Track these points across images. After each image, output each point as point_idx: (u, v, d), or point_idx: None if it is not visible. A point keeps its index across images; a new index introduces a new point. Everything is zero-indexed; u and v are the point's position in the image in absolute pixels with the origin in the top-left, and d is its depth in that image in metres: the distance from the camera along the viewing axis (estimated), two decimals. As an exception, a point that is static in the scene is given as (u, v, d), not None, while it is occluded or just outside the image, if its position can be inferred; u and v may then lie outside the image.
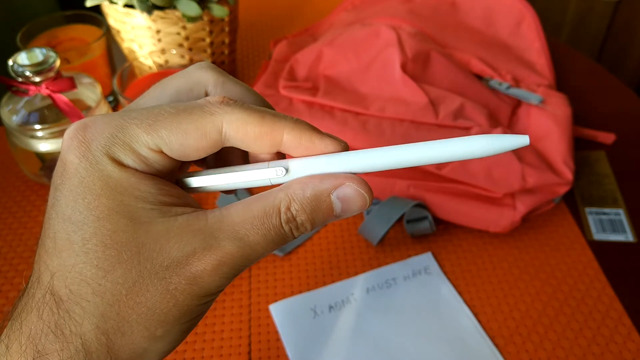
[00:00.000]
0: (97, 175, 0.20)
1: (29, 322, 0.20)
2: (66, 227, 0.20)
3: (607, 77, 0.69)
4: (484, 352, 0.41)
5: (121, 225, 0.20)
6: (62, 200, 0.21)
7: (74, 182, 0.20)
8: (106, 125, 0.21)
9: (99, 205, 0.20)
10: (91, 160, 0.20)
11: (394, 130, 0.51)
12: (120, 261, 0.20)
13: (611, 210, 0.52)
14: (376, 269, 0.48)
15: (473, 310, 0.44)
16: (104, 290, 0.19)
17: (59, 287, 0.20)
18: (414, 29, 0.59)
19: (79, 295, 0.19)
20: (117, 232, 0.20)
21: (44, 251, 0.21)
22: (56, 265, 0.20)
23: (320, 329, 0.43)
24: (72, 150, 0.20)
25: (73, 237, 0.20)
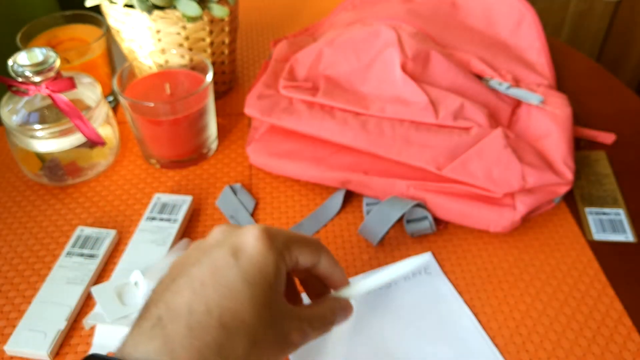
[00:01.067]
0: (272, 260, 0.31)
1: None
2: (241, 282, 0.30)
3: (607, 77, 0.69)
4: (484, 352, 0.41)
5: (271, 295, 0.31)
6: (243, 263, 0.31)
7: (253, 261, 0.31)
8: (282, 236, 0.33)
9: (265, 281, 0.31)
10: (272, 251, 0.32)
11: (394, 130, 0.51)
12: (266, 318, 0.31)
13: (611, 210, 0.52)
14: (376, 269, 0.48)
15: (473, 310, 0.44)
16: (255, 329, 0.30)
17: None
18: (414, 29, 0.59)
19: (235, 331, 0.29)
20: (270, 299, 0.31)
21: (206, 288, 0.30)
22: (228, 304, 0.30)
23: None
24: (259, 240, 0.31)
25: (244, 290, 0.30)
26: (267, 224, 0.52)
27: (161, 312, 0.29)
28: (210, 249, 0.32)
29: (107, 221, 0.52)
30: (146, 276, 0.43)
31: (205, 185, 0.56)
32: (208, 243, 0.33)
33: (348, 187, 0.52)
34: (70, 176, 0.55)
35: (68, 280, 0.46)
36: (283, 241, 0.33)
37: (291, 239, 0.33)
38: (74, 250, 0.48)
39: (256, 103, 0.54)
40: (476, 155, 0.48)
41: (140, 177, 0.57)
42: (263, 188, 0.55)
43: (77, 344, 0.43)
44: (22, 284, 0.47)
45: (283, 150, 0.54)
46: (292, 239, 0.33)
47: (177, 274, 0.31)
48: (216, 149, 0.60)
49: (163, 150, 0.57)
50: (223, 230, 0.33)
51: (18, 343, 0.41)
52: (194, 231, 0.51)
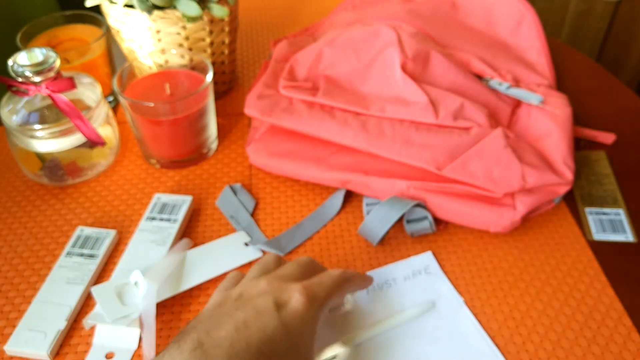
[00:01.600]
0: (311, 319, 0.35)
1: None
2: (283, 331, 0.34)
3: (607, 77, 0.70)
4: (484, 352, 0.41)
5: (307, 347, 0.35)
6: (286, 316, 0.34)
7: (295, 316, 0.34)
8: (321, 293, 0.37)
9: (303, 334, 0.34)
10: (312, 309, 0.35)
11: (394, 130, 0.51)
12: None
13: (611, 210, 0.52)
14: (376, 269, 0.48)
15: (473, 310, 0.44)
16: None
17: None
18: (414, 29, 0.59)
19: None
20: (304, 350, 0.35)
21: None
22: (268, 347, 0.33)
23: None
24: (302, 297, 0.35)
25: (284, 338, 0.33)
26: (267, 223, 0.52)
27: (202, 338, 0.32)
28: (255, 297, 0.35)
29: (107, 221, 0.52)
30: (146, 276, 0.43)
31: (205, 185, 0.56)
32: (252, 292, 0.36)
33: (348, 187, 0.52)
34: (70, 176, 0.55)
35: (68, 280, 0.46)
36: (322, 299, 0.36)
37: (329, 294, 0.37)
38: (74, 250, 0.48)
39: (256, 103, 0.54)
40: (476, 155, 0.48)
41: (140, 177, 0.57)
42: (263, 188, 0.55)
43: (77, 344, 0.43)
44: (22, 284, 0.47)
45: (283, 150, 0.54)
46: (329, 294, 0.37)
47: (218, 312, 0.34)
48: (216, 149, 0.60)
49: (163, 150, 0.57)
50: (269, 281, 0.37)
51: (18, 343, 0.41)
52: (194, 231, 0.51)
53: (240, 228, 0.51)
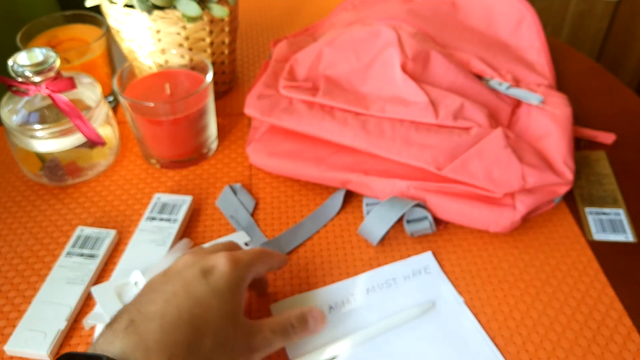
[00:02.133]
0: (236, 282, 0.36)
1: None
2: (211, 294, 0.35)
3: (607, 77, 0.70)
4: (484, 352, 0.41)
5: (236, 307, 0.36)
6: (212, 281, 0.35)
7: (221, 280, 0.36)
8: (244, 259, 0.38)
9: (230, 297, 0.36)
10: (237, 271, 0.37)
11: (394, 130, 0.51)
12: (231, 324, 0.35)
13: (611, 210, 0.52)
14: (376, 269, 0.48)
15: (473, 310, 0.44)
16: (222, 333, 0.34)
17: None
18: (414, 29, 0.59)
19: (203, 332, 0.33)
20: (234, 310, 0.36)
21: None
22: (198, 311, 0.34)
23: (315, 337, 0.42)
24: (227, 263, 0.36)
25: (213, 300, 0.35)
26: (267, 224, 0.52)
27: (133, 316, 0.32)
28: (182, 270, 0.36)
29: (107, 221, 0.52)
30: (146, 276, 0.43)
31: (205, 185, 0.56)
32: (178, 266, 0.37)
33: (348, 187, 0.52)
34: (70, 176, 0.55)
35: (68, 280, 0.46)
36: (246, 264, 0.38)
37: (251, 261, 0.38)
38: (74, 250, 0.48)
39: (256, 103, 0.54)
40: (476, 155, 0.48)
41: (140, 177, 0.57)
42: (263, 188, 0.55)
43: (77, 344, 0.43)
44: (22, 284, 0.47)
45: (283, 150, 0.54)
46: (252, 262, 0.38)
47: (148, 291, 0.35)
48: (216, 149, 0.60)
49: (163, 150, 0.57)
50: (192, 255, 0.38)
51: (18, 343, 0.41)
52: (194, 231, 0.51)
53: (240, 228, 0.51)
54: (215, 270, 0.36)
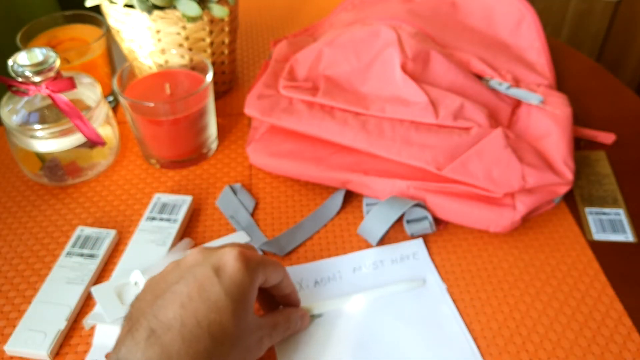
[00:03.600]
0: (249, 278, 0.36)
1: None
2: (225, 296, 0.34)
3: (607, 77, 0.70)
4: (459, 339, 0.42)
5: (248, 308, 0.36)
6: (225, 280, 0.35)
7: (233, 278, 0.35)
8: (255, 258, 0.37)
9: (243, 295, 0.35)
10: (248, 270, 0.36)
11: (394, 130, 0.51)
12: (245, 327, 0.36)
13: (611, 210, 0.52)
14: (365, 250, 0.48)
15: (473, 310, 0.44)
16: (237, 338, 0.35)
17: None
18: (414, 29, 0.59)
19: (221, 340, 0.34)
20: (247, 311, 0.36)
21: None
22: (215, 317, 0.34)
23: (304, 302, 0.44)
24: (237, 260, 0.36)
25: (227, 303, 0.34)
26: (267, 224, 0.52)
27: (153, 325, 0.32)
28: (192, 267, 0.36)
29: (107, 221, 0.52)
30: (146, 276, 0.43)
31: (205, 185, 0.56)
32: (188, 263, 0.37)
33: (348, 187, 0.52)
34: (70, 176, 0.55)
35: (68, 280, 0.46)
36: (256, 262, 0.37)
37: (263, 261, 0.38)
38: (74, 250, 0.48)
39: (256, 103, 0.54)
40: (476, 155, 0.48)
41: (140, 177, 0.57)
42: (263, 188, 0.55)
43: (77, 344, 0.43)
44: (22, 284, 0.47)
45: (283, 150, 0.54)
46: (263, 261, 0.38)
47: (160, 290, 0.35)
48: (216, 149, 0.60)
49: (163, 150, 0.57)
50: (201, 251, 0.38)
51: (18, 343, 0.41)
52: (194, 231, 0.51)
53: (240, 228, 0.51)
54: (227, 267, 0.35)
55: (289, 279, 0.41)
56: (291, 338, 0.42)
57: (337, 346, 0.42)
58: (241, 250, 0.37)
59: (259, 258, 0.38)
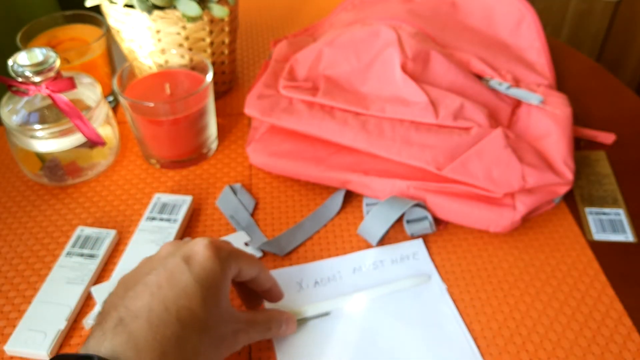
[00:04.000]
0: (219, 266, 0.36)
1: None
2: (194, 282, 0.34)
3: (607, 77, 0.70)
4: (459, 339, 0.42)
5: (220, 295, 0.36)
6: (195, 268, 0.35)
7: (203, 266, 0.35)
8: (227, 248, 0.37)
9: (214, 283, 0.35)
10: (219, 259, 0.36)
11: (394, 130, 0.51)
12: (216, 314, 0.35)
13: (611, 210, 0.52)
14: (365, 250, 0.48)
15: (473, 310, 0.44)
16: (207, 324, 0.35)
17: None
18: (414, 29, 0.59)
19: (190, 325, 0.33)
20: (219, 298, 0.36)
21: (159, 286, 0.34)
22: (184, 302, 0.34)
23: (304, 302, 0.44)
24: (207, 249, 0.36)
25: (197, 289, 0.34)
26: (267, 224, 0.52)
27: (122, 314, 0.32)
28: (163, 259, 0.36)
29: (107, 221, 0.52)
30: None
31: (205, 185, 0.56)
32: (160, 255, 0.37)
33: (348, 187, 0.52)
34: (70, 176, 0.55)
35: (68, 280, 0.46)
36: (228, 252, 0.37)
37: (235, 252, 0.38)
38: (74, 250, 0.48)
39: (256, 103, 0.54)
40: (476, 155, 0.48)
41: (140, 177, 0.57)
42: (263, 188, 0.55)
43: (77, 344, 0.43)
44: (22, 284, 0.47)
45: (283, 150, 0.54)
46: (235, 252, 0.38)
47: (132, 283, 0.35)
48: (216, 149, 0.60)
49: (163, 150, 0.57)
50: (173, 244, 0.38)
51: (18, 343, 0.41)
52: (194, 231, 0.51)
53: (240, 228, 0.51)
54: (197, 255, 0.36)
55: (267, 273, 0.41)
56: (291, 338, 0.42)
57: (337, 346, 0.42)
58: (212, 240, 0.37)
59: (230, 249, 0.38)
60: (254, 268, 0.39)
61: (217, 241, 0.37)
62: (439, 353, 0.41)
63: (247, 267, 0.38)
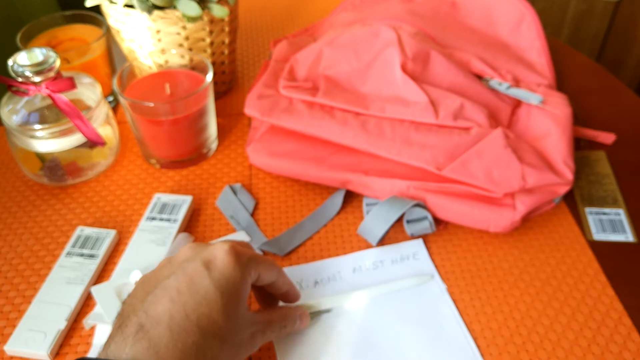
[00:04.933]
0: (240, 272, 0.36)
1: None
2: (214, 290, 0.34)
3: (607, 77, 0.70)
4: (459, 339, 0.42)
5: (240, 302, 0.35)
6: (215, 274, 0.35)
7: (224, 272, 0.35)
8: (247, 254, 0.37)
9: (234, 290, 0.35)
10: (239, 265, 0.36)
11: (394, 130, 0.51)
12: (236, 322, 0.35)
13: (611, 210, 0.52)
14: (365, 250, 0.48)
15: (473, 310, 0.44)
16: (227, 332, 0.34)
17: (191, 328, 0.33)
18: (414, 29, 0.59)
19: (210, 333, 0.33)
20: (239, 306, 0.35)
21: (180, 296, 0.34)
22: (204, 310, 0.33)
23: (305, 302, 0.44)
24: (228, 254, 0.35)
25: (217, 297, 0.34)
26: (267, 224, 0.52)
27: (142, 320, 0.32)
28: (183, 263, 0.36)
29: (107, 221, 0.52)
30: (146, 276, 0.43)
31: (205, 185, 0.56)
32: (179, 259, 0.36)
33: (348, 187, 0.52)
34: (70, 176, 0.55)
35: (68, 280, 0.46)
36: (248, 258, 0.37)
37: (255, 257, 0.37)
38: (74, 250, 0.48)
39: (256, 103, 0.54)
40: (476, 155, 0.48)
41: (140, 177, 0.57)
42: (263, 188, 0.55)
43: (77, 344, 0.43)
44: (22, 284, 0.47)
45: (283, 150, 0.54)
46: (255, 258, 0.37)
47: (151, 286, 0.35)
48: (216, 149, 0.60)
49: (163, 150, 0.57)
50: (193, 247, 0.37)
51: (18, 343, 0.41)
52: (194, 231, 0.51)
53: (240, 228, 0.51)
54: (217, 261, 0.35)
55: (285, 277, 0.41)
56: (291, 338, 0.42)
57: (337, 346, 0.42)
58: (233, 245, 0.36)
59: (251, 254, 0.37)
60: (272, 273, 0.39)
61: (237, 246, 0.37)
62: (439, 353, 0.41)
63: (266, 273, 0.38)
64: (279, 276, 0.40)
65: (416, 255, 0.48)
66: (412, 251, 0.48)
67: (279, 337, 0.41)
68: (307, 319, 0.42)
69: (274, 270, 0.39)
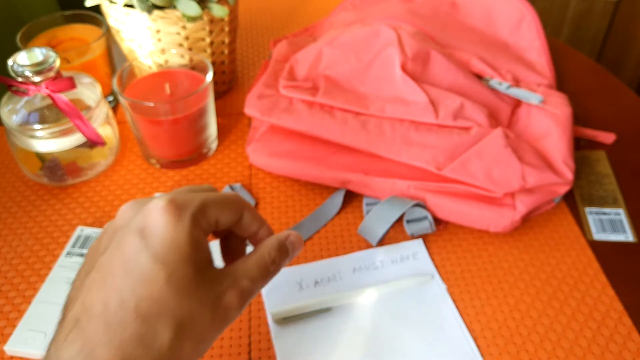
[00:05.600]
0: (184, 232, 0.28)
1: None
2: (153, 263, 0.27)
3: (607, 77, 0.69)
4: (459, 339, 0.42)
5: (192, 269, 0.28)
6: (153, 243, 0.28)
7: (162, 238, 0.28)
8: (193, 202, 0.30)
9: (180, 256, 0.28)
10: (182, 222, 0.29)
11: (394, 130, 0.51)
12: (190, 293, 0.28)
13: (611, 210, 0.52)
14: (365, 250, 0.49)
15: (473, 310, 0.44)
16: (180, 310, 0.28)
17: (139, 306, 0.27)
18: (414, 28, 0.59)
19: (155, 318, 0.27)
20: (191, 273, 0.28)
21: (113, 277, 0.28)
22: (143, 291, 0.27)
23: (304, 301, 0.44)
24: (166, 213, 0.28)
25: (159, 271, 0.27)
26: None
27: (78, 313, 0.27)
28: (118, 231, 0.29)
29: (107, 221, 0.52)
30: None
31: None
32: (116, 224, 0.30)
33: (348, 187, 0.52)
34: (70, 176, 0.55)
35: (68, 280, 0.46)
36: (195, 207, 0.29)
37: (203, 201, 0.30)
38: (74, 250, 0.48)
39: (256, 103, 0.54)
40: (476, 155, 0.48)
41: (140, 177, 0.57)
42: (263, 188, 0.55)
43: (77, 344, 0.43)
44: (22, 284, 0.47)
45: (283, 150, 0.54)
46: (206, 202, 0.30)
47: (90, 265, 0.29)
48: (216, 149, 0.60)
49: (163, 150, 0.57)
50: (132, 206, 0.30)
51: (18, 343, 0.41)
52: (194, 231, 0.51)
53: (240, 228, 0.51)
54: (153, 225, 0.28)
55: (252, 211, 0.33)
56: (290, 338, 0.42)
57: (337, 346, 0.42)
58: (171, 199, 0.29)
59: (197, 200, 0.30)
60: (232, 211, 0.32)
61: (177, 197, 0.29)
62: (438, 353, 0.41)
63: (224, 213, 0.31)
64: (243, 212, 0.32)
65: (416, 255, 0.48)
66: (412, 251, 0.48)
67: (267, 281, 0.32)
68: (301, 242, 0.34)
69: (233, 207, 0.32)
